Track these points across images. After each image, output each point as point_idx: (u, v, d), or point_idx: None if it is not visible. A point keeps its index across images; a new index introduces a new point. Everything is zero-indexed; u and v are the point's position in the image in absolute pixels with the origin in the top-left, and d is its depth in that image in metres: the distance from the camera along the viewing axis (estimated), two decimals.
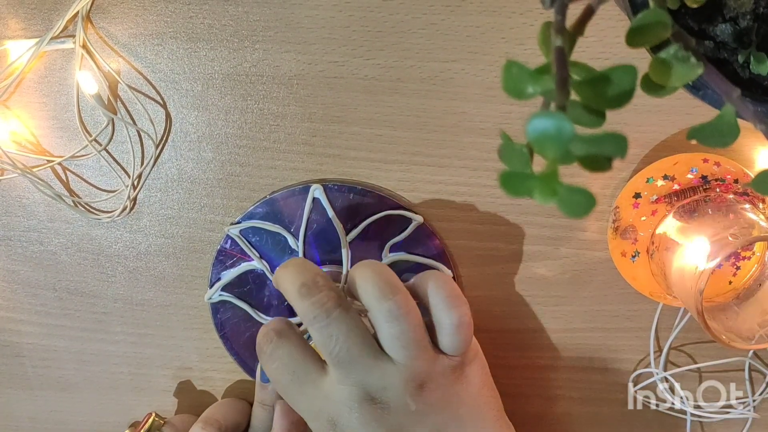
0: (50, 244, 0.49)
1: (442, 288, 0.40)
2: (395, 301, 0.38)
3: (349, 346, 0.37)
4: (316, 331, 0.38)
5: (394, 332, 0.38)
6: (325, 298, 0.38)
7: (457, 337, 0.39)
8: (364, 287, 0.39)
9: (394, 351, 0.38)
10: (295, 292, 0.39)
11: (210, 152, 0.45)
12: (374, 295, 0.38)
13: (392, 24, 0.42)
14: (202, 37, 0.43)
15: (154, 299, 0.49)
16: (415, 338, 0.38)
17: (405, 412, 0.37)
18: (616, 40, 0.41)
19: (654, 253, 0.43)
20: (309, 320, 0.38)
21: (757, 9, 0.29)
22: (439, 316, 0.39)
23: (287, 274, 0.40)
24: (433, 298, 0.40)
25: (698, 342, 0.48)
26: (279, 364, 0.39)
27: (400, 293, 0.39)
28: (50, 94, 0.45)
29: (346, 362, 0.37)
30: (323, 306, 0.38)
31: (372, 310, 0.39)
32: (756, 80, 0.30)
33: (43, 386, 0.53)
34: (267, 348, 0.40)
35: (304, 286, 0.38)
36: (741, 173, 0.42)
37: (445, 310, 0.39)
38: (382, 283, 0.39)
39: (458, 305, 0.39)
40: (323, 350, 0.38)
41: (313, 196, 0.45)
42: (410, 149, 0.44)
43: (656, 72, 0.21)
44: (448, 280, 0.41)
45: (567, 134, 0.17)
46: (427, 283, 0.40)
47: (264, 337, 0.40)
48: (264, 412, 0.48)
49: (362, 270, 0.40)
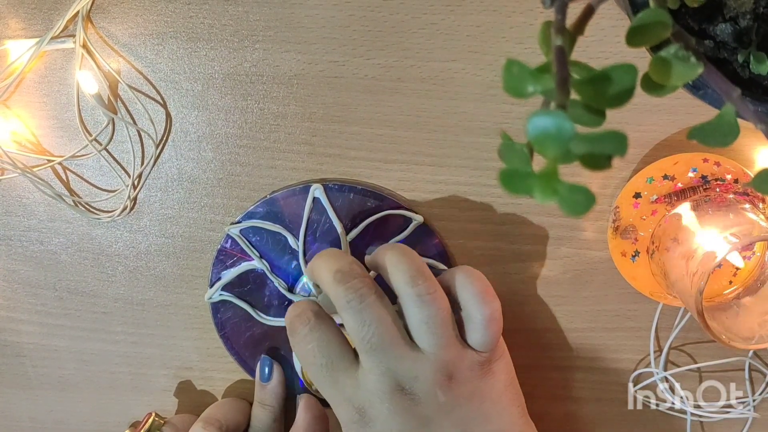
0: (50, 244, 0.49)
1: (474, 283, 0.39)
2: (425, 286, 0.38)
3: (381, 332, 0.37)
4: (350, 316, 0.38)
5: (423, 317, 0.38)
6: (359, 284, 0.38)
7: (487, 332, 0.39)
8: (393, 271, 0.39)
9: (423, 337, 0.38)
10: (330, 277, 0.39)
11: (210, 152, 0.46)
12: (404, 279, 0.38)
13: (392, 24, 0.42)
14: (202, 37, 0.43)
15: (155, 299, 0.49)
16: (443, 324, 0.38)
17: (434, 404, 0.37)
18: (616, 39, 0.41)
19: (654, 252, 0.43)
20: (343, 305, 0.38)
21: (757, 9, 0.29)
22: (471, 310, 0.39)
23: (322, 261, 0.40)
24: (464, 292, 0.39)
25: (698, 342, 0.48)
26: (314, 347, 0.39)
27: (430, 279, 0.39)
28: (50, 93, 0.45)
29: (378, 349, 0.37)
30: (358, 291, 0.38)
31: (401, 294, 0.38)
32: (756, 80, 0.30)
33: (44, 386, 0.53)
34: (302, 329, 0.39)
35: (339, 272, 0.38)
36: (741, 173, 0.42)
37: (476, 304, 0.39)
38: (412, 267, 0.39)
39: (490, 300, 0.39)
40: (355, 336, 0.38)
41: (314, 196, 0.45)
42: (410, 149, 0.44)
43: (656, 71, 0.21)
44: (479, 275, 0.40)
45: (567, 133, 0.17)
46: (457, 278, 0.40)
47: (298, 318, 0.40)
48: (264, 411, 0.48)
49: (392, 254, 0.40)
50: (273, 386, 0.48)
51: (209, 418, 0.47)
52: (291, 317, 0.40)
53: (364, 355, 0.38)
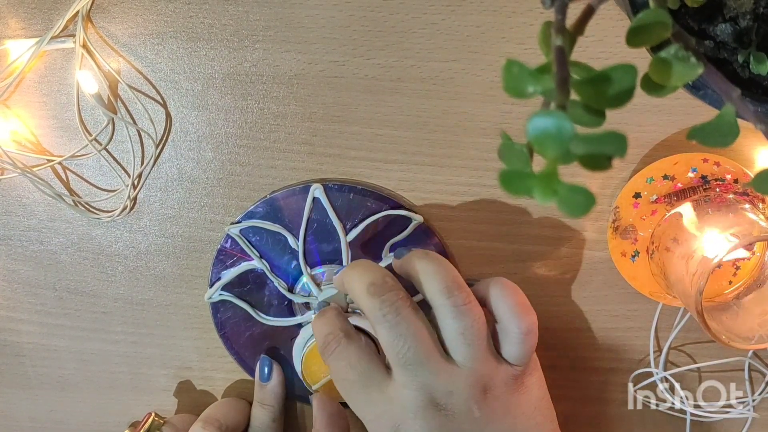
0: (50, 244, 0.49)
1: (511, 296, 0.39)
2: (461, 297, 0.38)
3: (417, 345, 0.37)
4: (385, 330, 0.37)
5: (459, 328, 0.37)
6: (394, 297, 0.38)
7: (523, 346, 0.39)
8: (428, 280, 0.39)
9: (458, 349, 0.37)
10: (364, 290, 0.38)
11: (210, 152, 0.45)
12: (439, 289, 0.38)
13: (392, 24, 0.42)
14: (202, 37, 0.43)
15: (154, 299, 0.49)
16: (479, 336, 0.38)
17: (469, 419, 0.37)
18: (617, 39, 0.41)
19: (654, 252, 0.43)
20: (378, 318, 0.38)
21: (756, 9, 0.29)
22: (507, 323, 0.39)
23: (355, 273, 0.40)
24: (500, 305, 0.39)
25: (698, 342, 0.48)
26: (346, 364, 0.39)
27: (465, 289, 0.38)
28: (50, 93, 0.45)
29: (413, 363, 0.37)
30: (393, 304, 0.37)
31: (436, 305, 0.38)
32: (756, 80, 0.30)
33: (43, 386, 0.53)
34: (335, 347, 0.39)
35: (373, 284, 0.38)
36: (741, 173, 0.42)
37: (513, 317, 0.39)
38: (448, 278, 0.38)
39: (527, 313, 0.39)
40: (390, 350, 0.37)
41: (314, 196, 0.45)
42: (410, 149, 0.44)
43: (656, 72, 0.21)
44: (515, 287, 0.40)
45: (567, 133, 0.17)
46: (493, 290, 0.40)
47: (330, 336, 0.40)
48: (263, 411, 0.48)
49: (426, 263, 0.39)
50: (272, 386, 0.48)
51: (209, 417, 0.47)
52: (323, 335, 0.40)
53: (399, 369, 0.37)
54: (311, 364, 0.46)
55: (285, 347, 0.49)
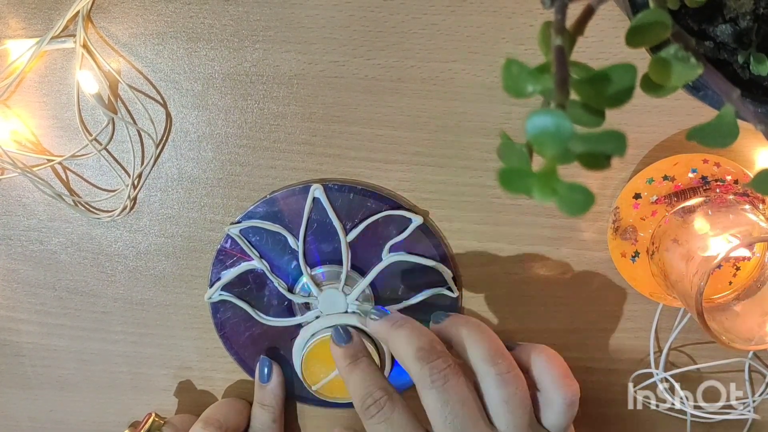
0: (50, 244, 0.49)
1: (555, 366, 0.40)
2: (504, 365, 0.39)
3: (464, 413, 0.37)
4: (433, 396, 0.38)
5: (503, 396, 0.38)
6: (443, 364, 0.38)
7: (565, 417, 0.39)
8: (472, 347, 0.39)
9: (502, 418, 0.38)
10: (412, 355, 0.39)
11: (210, 152, 0.46)
12: (483, 357, 0.39)
13: (393, 24, 0.42)
14: (202, 37, 0.43)
15: (154, 299, 0.49)
16: (522, 404, 0.38)
17: None
18: (616, 40, 0.41)
19: (654, 253, 0.43)
20: (426, 384, 0.38)
21: (757, 9, 0.29)
22: (551, 394, 0.39)
23: (403, 336, 0.40)
24: (544, 375, 0.40)
25: (698, 342, 0.48)
26: (388, 428, 0.39)
27: (509, 358, 0.39)
28: (51, 93, 0.45)
29: (459, 430, 0.37)
30: (441, 371, 0.38)
31: (480, 373, 0.39)
32: (756, 81, 0.30)
33: (43, 385, 0.53)
34: (375, 411, 0.39)
35: (421, 350, 0.39)
36: (741, 174, 0.42)
37: (558, 389, 0.39)
38: (492, 346, 0.39)
39: (570, 384, 0.40)
40: (437, 416, 0.38)
41: (314, 196, 0.45)
42: (411, 149, 0.44)
43: (656, 72, 0.21)
44: (558, 357, 0.41)
45: (566, 132, 0.17)
46: (537, 360, 0.40)
47: (370, 398, 0.39)
48: (263, 412, 0.48)
49: (469, 331, 0.40)
50: (272, 387, 0.48)
51: (209, 418, 0.47)
52: (361, 395, 0.40)
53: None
54: (311, 365, 0.46)
55: (285, 347, 0.49)
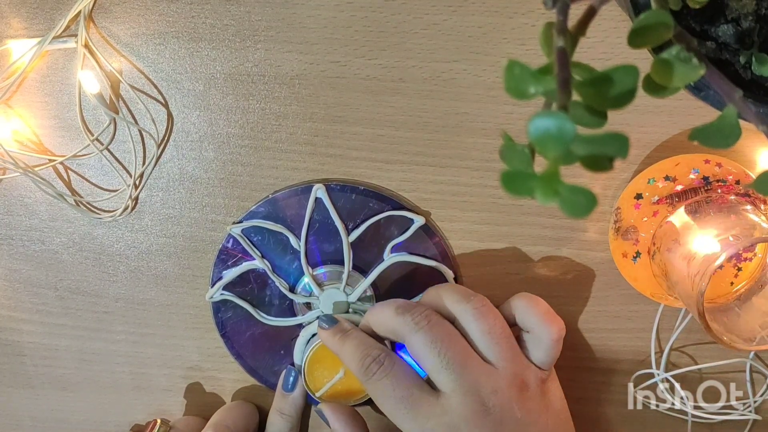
0: (52, 243, 0.49)
1: (537, 306, 0.41)
2: (478, 300, 0.40)
3: (454, 345, 0.38)
4: (421, 337, 0.39)
5: (483, 327, 0.39)
6: (422, 309, 0.40)
7: (552, 351, 0.41)
8: (446, 295, 0.41)
9: (489, 349, 0.39)
10: (392, 312, 0.40)
11: (212, 152, 0.46)
12: (457, 299, 0.40)
13: (394, 24, 0.42)
14: (204, 37, 0.43)
15: (156, 298, 0.49)
16: (504, 335, 0.40)
17: (513, 420, 0.38)
18: (618, 41, 0.41)
19: (655, 254, 0.43)
20: (411, 329, 0.39)
21: (759, 10, 0.29)
22: (538, 331, 0.41)
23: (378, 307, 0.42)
24: (528, 316, 0.41)
25: (699, 343, 0.48)
26: (392, 382, 0.39)
27: (481, 296, 0.41)
28: (52, 93, 0.45)
29: (454, 363, 0.38)
30: (422, 314, 0.39)
31: (458, 313, 0.40)
32: (758, 81, 0.30)
33: (44, 385, 0.53)
34: (377, 368, 0.40)
35: (399, 306, 0.40)
36: (742, 174, 0.42)
37: (543, 325, 0.41)
38: (461, 289, 0.41)
39: (556, 321, 0.41)
40: (429, 355, 0.38)
41: (316, 196, 0.45)
42: (412, 149, 0.44)
43: (658, 73, 0.21)
44: (538, 298, 0.42)
45: (568, 134, 0.17)
46: (518, 304, 0.42)
47: (368, 358, 0.40)
48: (282, 420, 0.48)
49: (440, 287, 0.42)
50: (295, 396, 0.48)
51: (218, 424, 0.47)
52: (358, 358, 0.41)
53: (442, 375, 0.38)
54: (314, 369, 0.46)
55: (286, 347, 0.49)
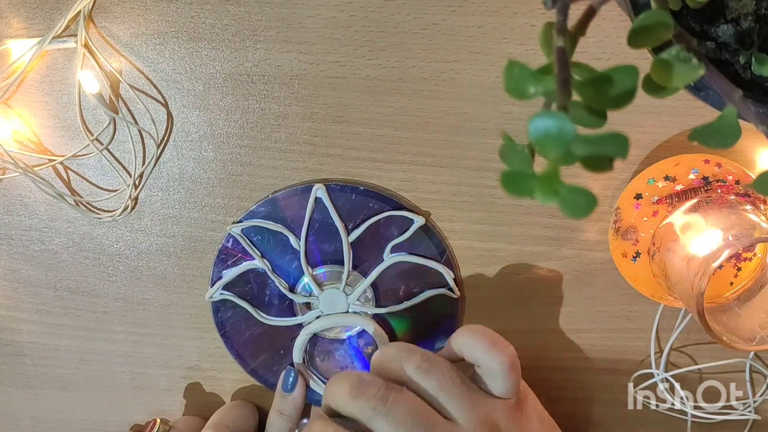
0: (51, 243, 0.49)
1: (480, 339, 0.40)
2: (417, 356, 0.39)
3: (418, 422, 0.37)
4: (382, 421, 0.37)
5: (433, 384, 0.38)
6: (375, 389, 0.38)
7: (509, 379, 0.39)
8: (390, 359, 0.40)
9: (448, 405, 0.38)
10: (346, 397, 0.38)
11: (211, 152, 0.46)
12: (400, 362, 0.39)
13: (394, 24, 0.42)
14: (203, 37, 0.43)
15: (155, 298, 0.49)
16: (454, 383, 0.38)
17: None
18: (618, 41, 0.41)
19: (655, 254, 0.43)
20: (370, 416, 0.37)
21: (758, 10, 0.29)
22: (488, 364, 0.39)
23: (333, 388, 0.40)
24: (474, 352, 0.40)
25: (699, 343, 0.48)
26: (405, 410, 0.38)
27: (418, 351, 0.39)
28: (52, 93, 0.45)
29: None
30: (376, 396, 0.38)
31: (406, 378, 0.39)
32: (758, 81, 0.30)
33: (44, 385, 0.53)
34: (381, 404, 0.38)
35: (353, 388, 0.38)
36: (742, 174, 0.42)
37: (492, 356, 0.39)
38: (401, 347, 0.40)
39: (503, 348, 0.39)
40: None
41: (316, 196, 0.45)
42: (412, 149, 0.44)
43: (658, 73, 0.21)
44: (481, 328, 0.41)
45: (568, 134, 0.17)
46: (460, 340, 0.40)
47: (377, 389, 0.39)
48: (281, 420, 0.48)
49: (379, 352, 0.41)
50: (294, 396, 0.48)
51: (218, 424, 0.47)
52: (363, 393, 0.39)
53: None
54: None
55: (286, 347, 0.49)
